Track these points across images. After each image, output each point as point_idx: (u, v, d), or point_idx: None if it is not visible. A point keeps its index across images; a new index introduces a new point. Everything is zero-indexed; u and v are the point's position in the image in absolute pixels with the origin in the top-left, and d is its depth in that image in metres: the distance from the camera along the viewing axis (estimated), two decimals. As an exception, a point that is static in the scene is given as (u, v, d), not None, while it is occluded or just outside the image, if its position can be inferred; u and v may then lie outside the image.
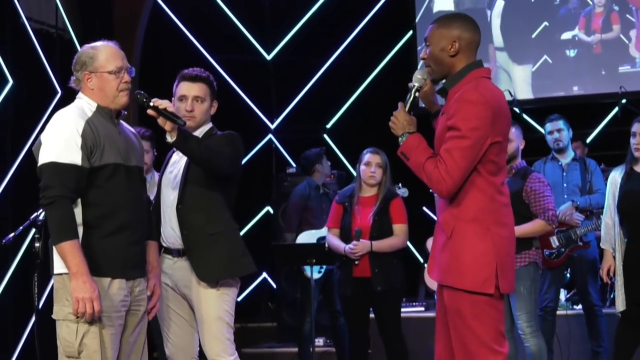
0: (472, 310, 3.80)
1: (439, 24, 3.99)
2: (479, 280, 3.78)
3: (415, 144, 3.94)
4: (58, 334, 4.01)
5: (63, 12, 8.59)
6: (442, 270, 3.90)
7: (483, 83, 3.89)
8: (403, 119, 4.00)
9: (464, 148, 3.74)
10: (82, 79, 4.16)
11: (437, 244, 3.97)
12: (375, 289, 6.24)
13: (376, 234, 6.32)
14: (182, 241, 4.64)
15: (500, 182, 3.92)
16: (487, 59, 10.14)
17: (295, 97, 10.77)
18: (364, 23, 10.66)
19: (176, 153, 4.78)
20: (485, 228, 3.81)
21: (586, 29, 9.83)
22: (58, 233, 3.92)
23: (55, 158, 3.94)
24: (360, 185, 6.49)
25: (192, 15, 10.57)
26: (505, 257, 3.88)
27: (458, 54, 3.92)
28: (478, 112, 3.75)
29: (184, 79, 4.78)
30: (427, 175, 3.85)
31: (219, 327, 4.61)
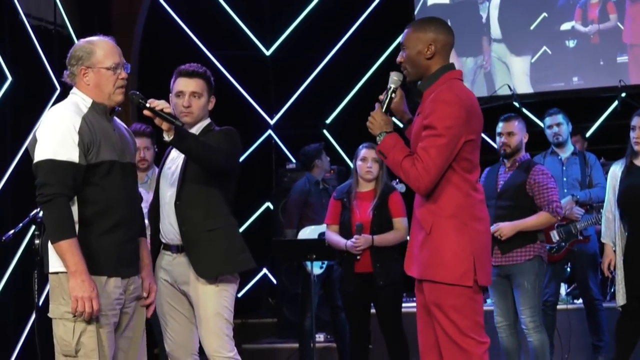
0: (452, 302, 3.94)
1: (414, 28, 4.16)
2: (458, 274, 3.93)
3: (392, 142, 4.07)
4: (55, 332, 3.98)
5: (61, 9, 8.59)
6: (422, 266, 4.02)
7: (457, 84, 4.07)
8: (380, 119, 4.16)
9: (439, 146, 3.89)
10: (77, 74, 4.08)
11: (415, 241, 4.10)
12: (378, 284, 6.24)
13: (377, 229, 6.31)
14: (180, 237, 4.63)
15: (475, 179, 4.07)
16: (481, 52, 10.14)
17: (295, 92, 10.76)
18: (362, 18, 10.66)
19: (174, 150, 4.76)
20: (462, 223, 3.96)
21: (583, 19, 9.82)
22: (56, 231, 3.87)
23: (52, 155, 3.88)
24: (358, 181, 6.48)
25: (190, 11, 10.56)
26: (482, 251, 4.02)
27: (434, 57, 4.09)
28: (453, 112, 3.91)
29: (180, 74, 4.76)
30: (405, 172, 3.99)
31: (217, 323, 4.60)
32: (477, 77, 10.17)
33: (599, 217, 6.62)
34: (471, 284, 3.94)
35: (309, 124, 10.54)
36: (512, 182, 6.19)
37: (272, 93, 10.87)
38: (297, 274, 8.16)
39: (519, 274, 6.06)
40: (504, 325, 6.21)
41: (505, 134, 6.25)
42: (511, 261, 6.08)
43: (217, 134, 4.71)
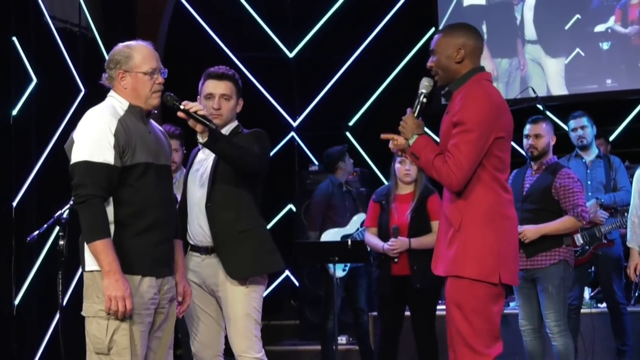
0: (472, 304, 3.99)
1: (444, 33, 4.25)
2: (485, 270, 3.99)
3: (423, 143, 4.16)
4: (87, 330, 4.02)
5: (86, 11, 8.62)
6: (448, 262, 4.08)
7: (486, 83, 4.16)
8: (412, 123, 4.24)
9: (470, 141, 3.96)
10: (115, 77, 4.15)
11: (442, 238, 4.15)
12: (415, 287, 6.22)
13: (414, 231, 6.30)
14: (211, 239, 4.66)
15: (505, 178, 4.14)
16: (516, 53, 10.12)
17: (318, 94, 10.77)
18: (386, 20, 10.65)
19: (202, 151, 4.79)
20: (491, 220, 4.02)
21: (622, 20, 9.76)
22: (90, 232, 3.93)
23: (88, 157, 3.95)
24: (397, 183, 6.47)
25: (213, 13, 10.59)
26: (508, 249, 4.08)
27: (463, 61, 4.17)
28: (482, 107, 3.99)
29: (210, 77, 4.80)
30: (437, 170, 4.05)
31: (246, 323, 4.63)
32: (512, 79, 10.15)
33: (623, 220, 6.58)
34: (496, 281, 4.00)
35: (332, 126, 10.54)
36: (538, 186, 6.16)
37: (295, 95, 10.87)
38: (319, 276, 8.16)
39: (543, 278, 6.03)
40: (529, 329, 6.17)
41: (532, 136, 6.23)
42: (536, 265, 6.05)
43: (248, 136, 4.73)
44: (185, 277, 4.45)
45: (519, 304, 6.22)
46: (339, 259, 6.85)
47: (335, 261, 6.82)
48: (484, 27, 10.27)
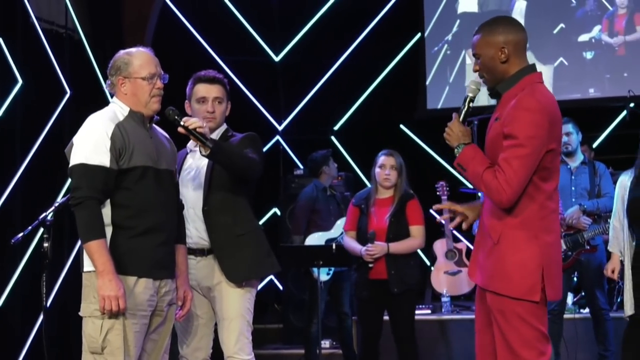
0: (517, 311, 3.82)
1: (483, 34, 4.02)
2: (525, 288, 3.80)
3: (472, 155, 3.94)
4: (84, 330, 4.08)
5: (73, 13, 8.61)
6: (487, 275, 3.90)
7: (539, 89, 3.91)
8: (458, 130, 4.01)
9: (522, 157, 3.75)
10: (116, 84, 4.25)
11: (481, 249, 3.98)
12: (392, 291, 6.25)
13: (393, 236, 6.33)
14: (209, 242, 4.71)
15: (552, 188, 3.92)
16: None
17: (303, 98, 10.80)
18: (372, 25, 10.70)
19: (191, 155, 4.84)
20: (532, 235, 3.83)
21: (609, 30, 9.83)
22: (85, 232, 4.01)
23: (84, 160, 4.04)
24: (376, 188, 6.50)
25: (200, 17, 10.60)
26: (551, 264, 3.87)
27: (509, 60, 3.96)
28: (536, 120, 3.76)
29: (201, 81, 4.85)
30: (486, 185, 3.84)
31: (240, 324, 4.67)
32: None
33: (607, 226, 6.61)
34: (538, 299, 3.81)
35: (317, 131, 10.56)
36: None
37: (281, 99, 10.90)
38: (303, 280, 8.17)
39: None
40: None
41: None
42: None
43: (244, 141, 4.77)
44: (187, 282, 4.49)
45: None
46: (324, 263, 6.86)
47: (320, 265, 6.83)
48: (477, 35, 10.30)
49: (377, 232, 6.32)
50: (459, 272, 8.54)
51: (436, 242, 8.69)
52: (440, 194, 8.51)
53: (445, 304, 8.27)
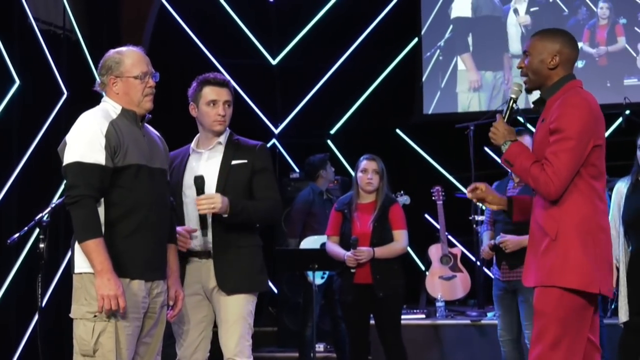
0: (562, 314, 3.93)
1: (542, 36, 4.18)
2: (587, 280, 3.91)
3: (518, 150, 4.08)
4: (75, 332, 4.06)
5: (70, 14, 8.61)
6: (545, 271, 3.98)
7: (582, 90, 4.11)
8: (503, 129, 4.15)
9: (569, 149, 3.90)
10: (107, 83, 4.22)
11: (536, 248, 4.06)
12: (377, 295, 6.26)
13: (377, 241, 6.34)
14: (212, 246, 4.72)
15: (601, 187, 4.06)
16: (501, 67, 10.19)
17: (300, 102, 10.80)
18: (369, 29, 10.70)
19: (194, 157, 4.85)
20: (588, 232, 3.95)
21: (590, 41, 9.88)
22: (82, 231, 3.98)
23: (80, 158, 4.00)
24: (358, 192, 6.50)
25: (198, 19, 10.61)
26: (605, 261, 4.02)
27: (557, 68, 4.11)
28: (581, 115, 3.94)
29: (210, 83, 4.84)
30: (534, 178, 3.98)
31: (241, 327, 4.68)
32: (496, 92, 10.22)
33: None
34: (597, 291, 3.94)
35: (314, 134, 10.57)
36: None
37: (278, 102, 10.90)
38: (298, 284, 8.17)
39: (525, 289, 6.04)
40: (508, 340, 6.22)
41: None
42: (519, 276, 6.07)
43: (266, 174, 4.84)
44: (178, 281, 4.48)
45: (499, 315, 6.28)
46: (319, 267, 6.87)
47: (315, 269, 6.83)
48: (469, 39, 10.37)
49: (361, 237, 6.32)
50: (454, 277, 8.55)
51: (431, 247, 8.70)
52: (435, 198, 8.52)
53: (439, 308, 8.27)
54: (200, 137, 4.91)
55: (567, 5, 10.06)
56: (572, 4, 10.05)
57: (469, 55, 10.39)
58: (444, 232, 8.59)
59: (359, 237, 6.30)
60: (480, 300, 8.64)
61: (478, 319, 7.94)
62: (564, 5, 10.07)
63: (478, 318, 7.96)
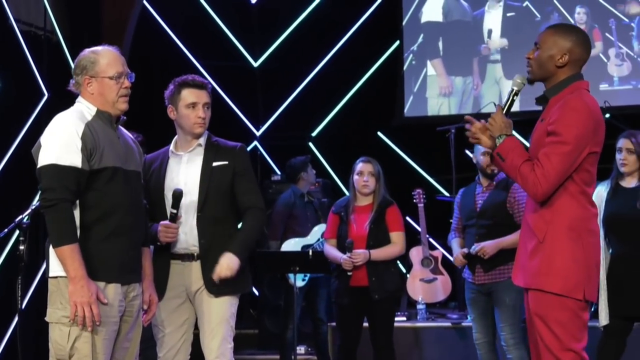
0: (557, 315, 3.89)
1: (554, 31, 4.08)
2: (570, 285, 3.87)
3: (512, 146, 4.01)
4: (50, 336, 4.00)
5: (52, 15, 8.59)
6: (531, 274, 3.96)
7: (585, 94, 4.00)
8: (501, 121, 4.07)
9: (563, 153, 3.84)
10: (82, 83, 4.16)
11: (524, 249, 4.04)
12: (373, 298, 6.26)
13: (373, 243, 6.35)
14: (198, 247, 4.71)
15: (592, 193, 4.01)
16: (470, 72, 10.23)
17: (282, 104, 10.80)
18: (351, 32, 10.71)
19: (174, 159, 4.84)
20: (578, 235, 3.90)
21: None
22: (58, 236, 3.91)
23: (56, 160, 3.93)
24: (355, 195, 6.52)
25: (180, 21, 10.59)
26: (593, 266, 3.97)
27: (565, 66, 4.03)
28: (581, 120, 3.86)
29: (189, 86, 4.82)
30: (522, 177, 3.92)
31: (224, 329, 4.69)
32: (466, 97, 10.25)
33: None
34: (581, 297, 3.88)
35: (295, 136, 10.57)
36: (492, 201, 6.24)
37: (259, 104, 10.90)
38: (279, 286, 8.17)
39: (501, 291, 6.10)
40: (483, 342, 6.25)
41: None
42: (495, 279, 6.13)
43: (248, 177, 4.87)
44: (152, 285, 4.45)
45: (474, 318, 6.30)
46: (300, 269, 6.86)
47: (296, 271, 6.83)
48: (440, 45, 10.40)
49: (357, 239, 6.33)
50: (435, 280, 8.56)
51: (412, 250, 8.71)
52: (416, 201, 8.53)
53: (420, 311, 8.28)
54: (179, 140, 4.89)
55: (540, 11, 10.09)
56: (544, 9, 10.09)
57: (439, 61, 10.41)
58: (424, 234, 8.60)
59: (355, 240, 6.31)
60: (461, 303, 8.64)
61: (459, 321, 7.95)
62: (536, 11, 10.10)
63: (459, 320, 7.98)
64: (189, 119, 4.75)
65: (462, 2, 10.41)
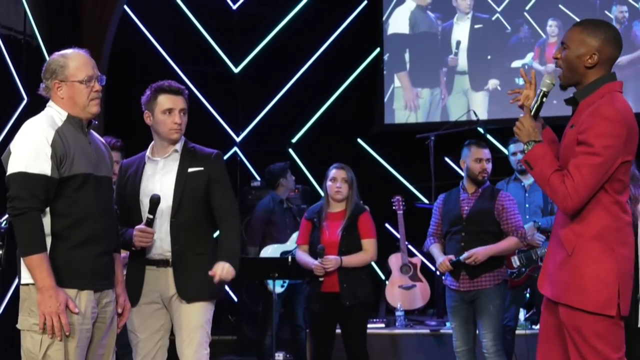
0: (594, 328, 3.68)
1: (583, 28, 3.84)
2: (601, 301, 3.66)
3: (541, 154, 3.82)
4: (22, 344, 3.94)
5: (31, 19, 8.56)
6: (559, 288, 3.76)
7: (618, 98, 3.76)
8: (529, 125, 3.90)
9: (594, 165, 3.63)
10: (52, 88, 4.10)
11: (553, 260, 3.84)
12: (344, 304, 6.26)
13: (345, 249, 6.34)
14: (171, 253, 4.69)
15: (625, 200, 3.79)
16: (438, 83, 10.28)
17: (262, 110, 10.80)
18: (332, 39, 10.73)
19: (150, 165, 4.82)
20: (609, 247, 3.69)
21: (540, 58, 10.00)
22: (26, 245, 3.87)
23: (25, 168, 3.88)
24: (328, 201, 6.51)
25: (160, 26, 10.57)
26: (626, 278, 3.74)
27: (595, 67, 3.80)
28: (613, 130, 3.64)
29: (165, 91, 4.80)
30: (552, 189, 3.73)
31: (200, 336, 4.66)
32: (433, 108, 10.30)
33: (560, 244, 6.68)
34: (614, 314, 3.66)
35: (275, 143, 10.57)
36: (479, 208, 6.24)
37: (239, 110, 10.90)
38: (258, 292, 8.16)
39: (485, 298, 6.10)
40: (464, 350, 6.23)
41: (485, 160, 6.32)
42: (480, 286, 6.13)
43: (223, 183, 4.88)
44: (125, 291, 4.42)
45: (455, 326, 6.27)
46: (279, 276, 6.87)
47: (275, 277, 6.83)
48: (406, 56, 10.43)
49: (329, 245, 6.33)
50: (414, 287, 8.58)
51: (391, 256, 8.73)
52: (396, 208, 8.55)
53: (399, 318, 8.30)
54: (156, 145, 4.88)
55: (510, 23, 10.16)
56: (514, 22, 10.15)
57: (405, 74, 10.47)
58: (404, 241, 8.62)
59: (327, 246, 6.30)
60: (439, 310, 8.67)
61: (437, 328, 7.97)
62: (507, 23, 10.16)
63: (437, 327, 7.99)
64: (165, 124, 4.74)
65: (429, 14, 10.47)
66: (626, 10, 9.77)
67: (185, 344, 4.66)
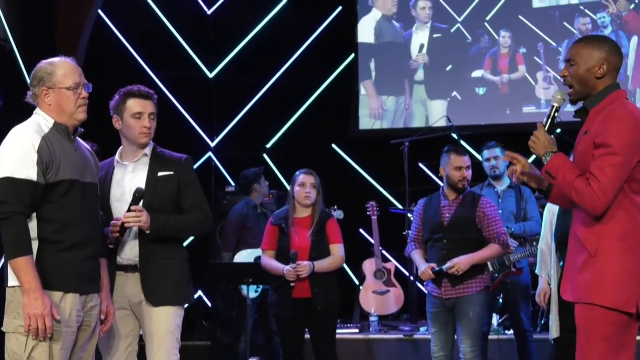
0: (604, 330, 3.79)
1: (587, 43, 4.01)
2: (623, 299, 3.77)
3: (560, 163, 3.92)
4: (7, 346, 3.99)
5: (5, 23, 8.52)
6: (581, 288, 3.85)
7: (627, 102, 3.95)
8: (544, 138, 4.00)
9: (616, 165, 3.76)
10: (39, 95, 4.16)
11: (573, 264, 3.93)
12: (316, 309, 6.26)
13: (315, 254, 6.34)
14: (138, 258, 4.67)
15: None
16: (402, 92, 10.33)
17: (236, 115, 10.81)
18: (306, 44, 10.76)
19: (119, 169, 4.81)
20: (629, 247, 3.81)
21: (492, 69, 10.09)
22: (12, 249, 3.92)
23: (11, 173, 3.95)
24: (294, 207, 6.50)
25: (135, 31, 10.55)
26: None
27: (604, 76, 3.95)
28: (628, 129, 3.79)
29: (135, 96, 4.78)
30: (578, 193, 3.81)
31: (169, 341, 4.64)
32: (398, 117, 10.35)
33: (532, 249, 6.72)
34: (634, 310, 3.78)
35: (250, 148, 10.57)
36: (460, 215, 6.20)
37: (214, 115, 10.89)
38: (232, 297, 8.15)
39: (466, 304, 6.09)
40: (441, 356, 6.20)
41: (465, 167, 6.28)
42: (462, 293, 6.11)
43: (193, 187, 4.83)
44: (109, 296, 4.44)
45: (433, 332, 6.23)
46: (253, 280, 6.86)
47: (249, 282, 6.83)
48: (372, 65, 10.49)
49: (299, 250, 6.32)
50: (387, 292, 8.60)
51: (365, 262, 8.75)
52: (370, 213, 8.57)
53: (372, 323, 8.32)
54: (124, 149, 4.87)
55: (470, 33, 10.23)
56: (474, 32, 10.22)
57: (370, 82, 10.53)
58: (378, 246, 8.64)
59: (297, 251, 6.31)
60: (413, 315, 8.70)
61: (411, 333, 8.00)
62: (467, 32, 10.23)
63: (411, 332, 8.02)
64: (134, 128, 4.73)
65: (394, 23, 10.53)
66: (589, 22, 9.85)
67: (155, 350, 4.64)
